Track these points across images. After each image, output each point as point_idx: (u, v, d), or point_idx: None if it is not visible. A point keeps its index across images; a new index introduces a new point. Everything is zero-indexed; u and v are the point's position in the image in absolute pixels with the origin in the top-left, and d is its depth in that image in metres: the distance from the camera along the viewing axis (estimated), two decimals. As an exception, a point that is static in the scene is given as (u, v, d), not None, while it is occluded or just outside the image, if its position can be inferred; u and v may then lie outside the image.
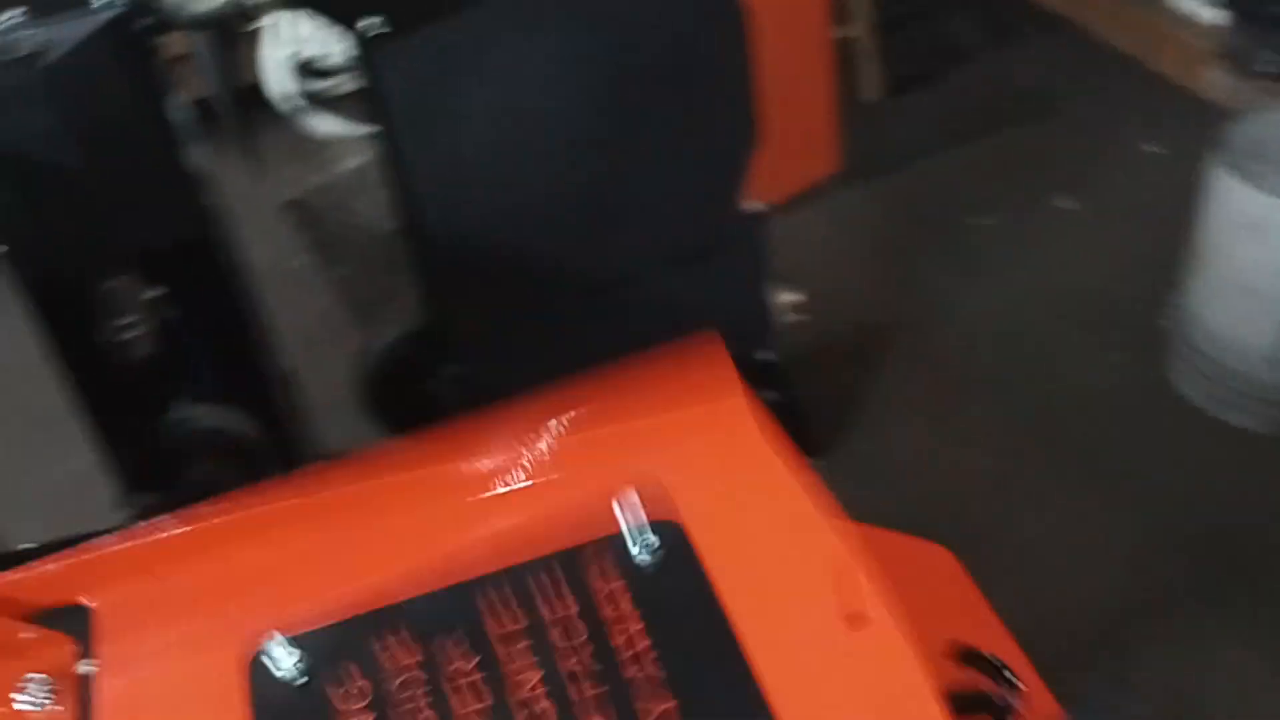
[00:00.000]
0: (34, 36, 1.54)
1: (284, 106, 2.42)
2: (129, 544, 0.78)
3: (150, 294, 1.75)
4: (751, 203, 1.99)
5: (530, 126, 1.81)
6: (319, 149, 2.65)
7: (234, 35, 1.89)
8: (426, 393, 2.19)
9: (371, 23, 1.64)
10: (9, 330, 1.76)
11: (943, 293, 2.60)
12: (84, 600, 0.77)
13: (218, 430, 1.88)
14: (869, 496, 2.24)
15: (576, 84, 1.80)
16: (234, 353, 1.89)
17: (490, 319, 1.94)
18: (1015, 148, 2.97)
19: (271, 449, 1.96)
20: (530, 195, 1.86)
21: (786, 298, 2.15)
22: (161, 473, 1.84)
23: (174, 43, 1.80)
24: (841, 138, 2.45)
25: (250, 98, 2.15)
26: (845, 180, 2.67)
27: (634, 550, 0.82)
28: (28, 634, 0.74)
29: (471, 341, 1.95)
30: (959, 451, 2.28)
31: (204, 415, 1.87)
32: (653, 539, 0.82)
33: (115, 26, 1.60)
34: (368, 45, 1.66)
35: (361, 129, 2.24)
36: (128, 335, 1.74)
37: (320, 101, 2.42)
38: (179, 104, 1.83)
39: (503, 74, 1.75)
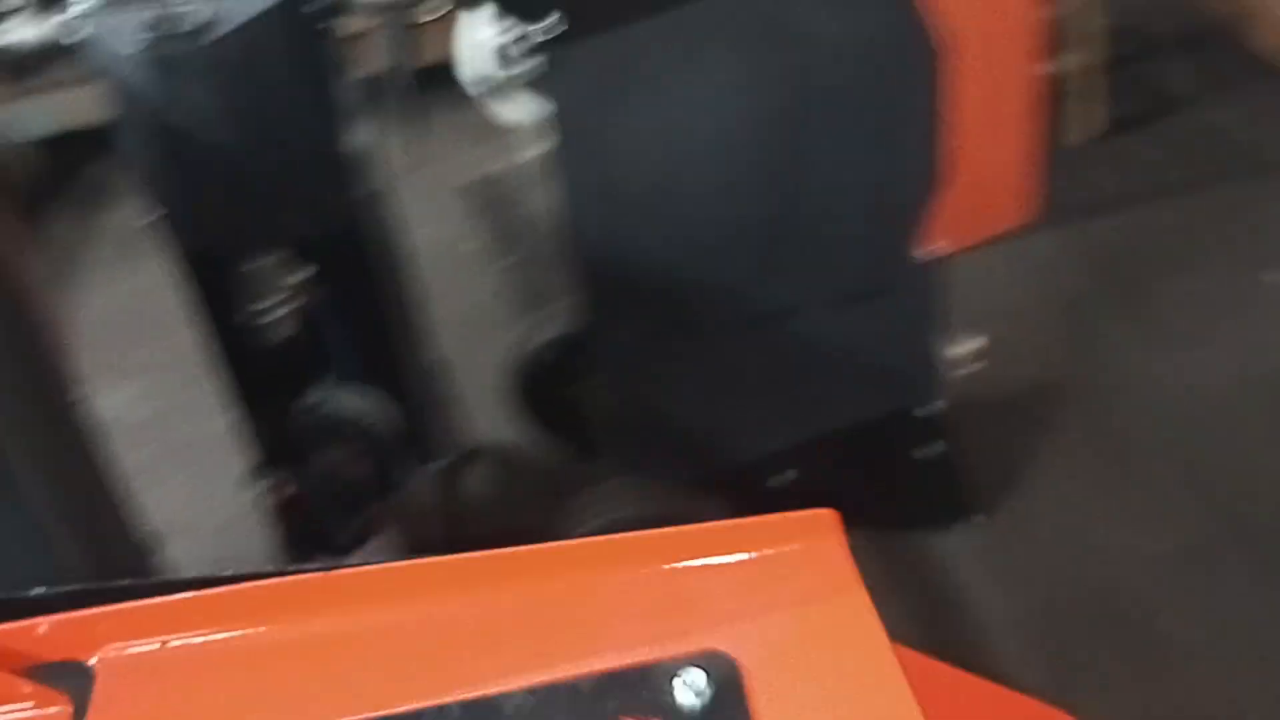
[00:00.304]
0: (204, 11, 1.54)
1: (475, 90, 2.39)
2: (145, 604, 0.74)
3: (297, 276, 1.74)
4: (928, 246, 1.86)
5: (700, 145, 1.72)
6: (506, 134, 2.62)
7: (412, 19, 1.85)
8: (573, 398, 2.14)
9: (550, 23, 1.58)
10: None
11: (1131, 358, 2.40)
12: (86, 659, 0.73)
13: (354, 416, 1.86)
14: (1019, 566, 2.11)
15: (752, 106, 1.70)
16: (378, 340, 1.87)
17: (638, 336, 1.87)
18: (1226, 209, 2.71)
19: (409, 438, 1.94)
20: (693, 216, 1.77)
21: (962, 345, 2.01)
22: (293, 453, 1.84)
23: (349, 20, 1.78)
24: (1042, 183, 2.28)
25: (428, 80, 2.11)
26: (1041, 225, 2.50)
27: (676, 687, 0.73)
28: (21, 689, 0.70)
29: (617, 355, 1.89)
30: (1126, 532, 2.10)
31: (342, 400, 1.86)
32: (699, 676, 0.73)
33: (287, 7, 1.59)
34: (544, 46, 1.60)
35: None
36: (271, 315, 1.73)
37: (511, 87, 2.38)
38: (349, 83, 1.82)
39: (676, 89, 1.67)
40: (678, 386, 1.93)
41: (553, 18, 1.57)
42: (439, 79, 2.30)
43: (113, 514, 1.83)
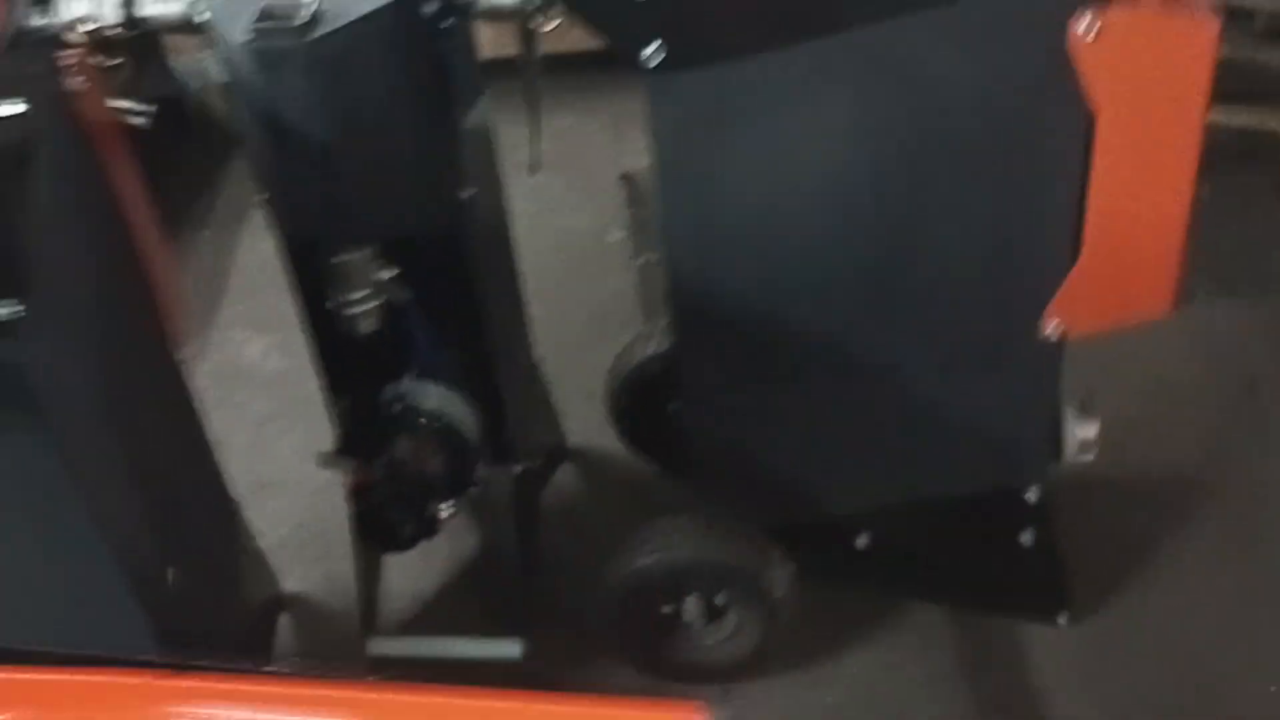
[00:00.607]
0: (315, 6, 1.54)
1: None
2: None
3: (385, 274, 1.75)
4: (1054, 322, 1.72)
5: (808, 188, 1.64)
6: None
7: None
8: (670, 416, 2.09)
9: (650, 52, 1.52)
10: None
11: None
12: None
13: (433, 412, 1.87)
14: (1117, 676, 1.96)
15: (871, 152, 1.61)
16: (465, 342, 1.86)
17: (724, 372, 1.80)
18: None
19: (490, 439, 1.94)
20: (794, 259, 1.69)
21: (1079, 429, 1.87)
22: (371, 440, 1.86)
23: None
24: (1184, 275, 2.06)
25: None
26: (1209, 294, 2.28)
27: None
28: None
29: (700, 389, 1.83)
30: (1252, 658, 1.91)
31: (422, 396, 1.87)
32: None
33: (401, 8, 1.57)
34: (645, 74, 1.55)
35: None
36: (357, 308, 1.75)
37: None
38: (473, 76, 1.80)
39: (788, 127, 1.58)
40: (760, 429, 1.86)
41: (653, 46, 1.51)
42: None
43: (199, 477, 1.90)
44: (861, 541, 1.96)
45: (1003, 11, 1.48)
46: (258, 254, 2.86)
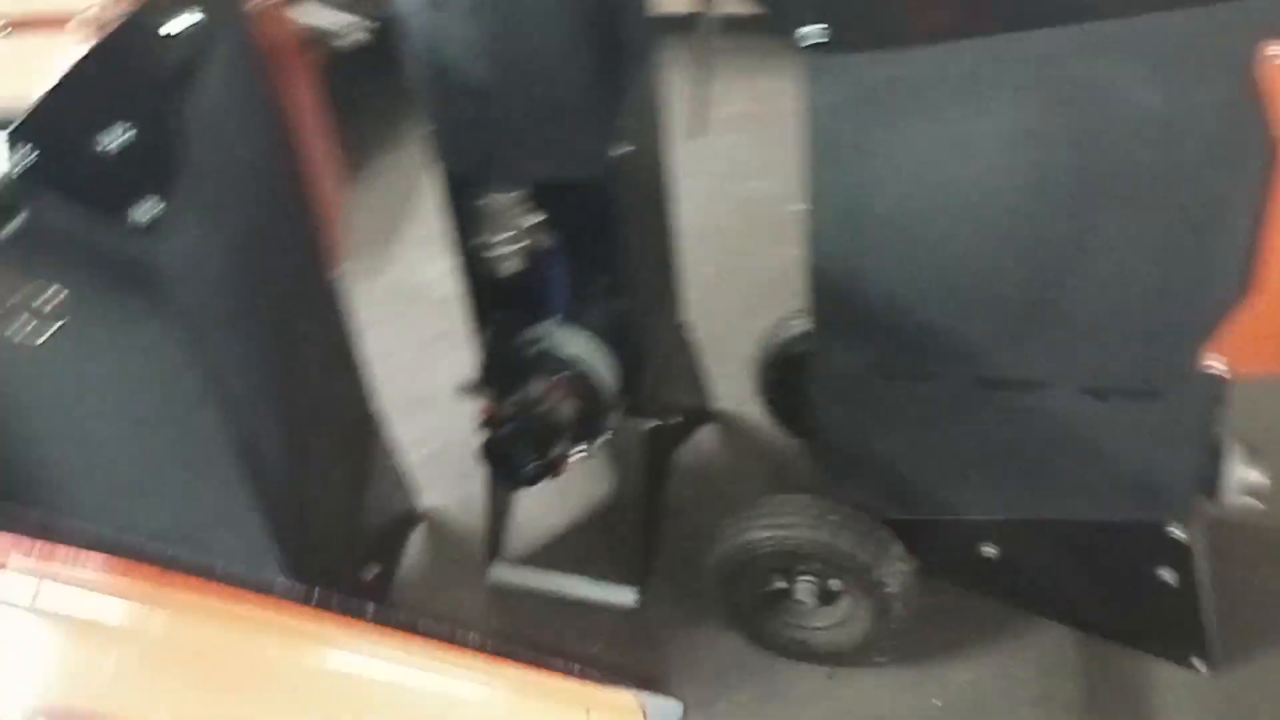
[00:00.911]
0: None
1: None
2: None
3: (532, 219, 1.77)
4: (1216, 358, 1.60)
5: (964, 190, 1.56)
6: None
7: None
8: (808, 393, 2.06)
9: (812, 31, 1.47)
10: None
11: None
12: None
13: (570, 359, 1.89)
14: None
15: (1036, 162, 1.52)
16: (609, 294, 1.87)
17: (860, 365, 1.75)
18: None
19: (626, 392, 1.95)
20: (942, 260, 1.62)
21: (1244, 472, 1.74)
22: (503, 377, 1.89)
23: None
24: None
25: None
26: None
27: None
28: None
29: (834, 379, 1.79)
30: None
31: (562, 341, 1.89)
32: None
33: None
34: (804, 52, 1.50)
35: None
36: (501, 249, 1.77)
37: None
38: (646, 33, 1.79)
39: (949, 126, 1.51)
40: (890, 422, 1.81)
41: (816, 25, 1.46)
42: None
43: (340, 389, 1.97)
44: (989, 549, 1.89)
45: (1188, 31, 1.36)
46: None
